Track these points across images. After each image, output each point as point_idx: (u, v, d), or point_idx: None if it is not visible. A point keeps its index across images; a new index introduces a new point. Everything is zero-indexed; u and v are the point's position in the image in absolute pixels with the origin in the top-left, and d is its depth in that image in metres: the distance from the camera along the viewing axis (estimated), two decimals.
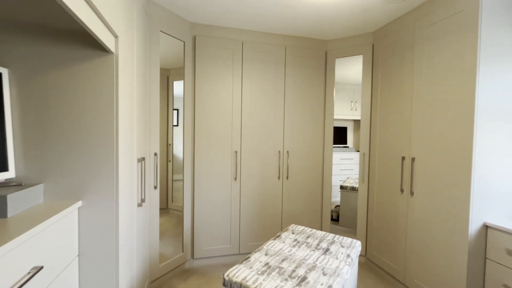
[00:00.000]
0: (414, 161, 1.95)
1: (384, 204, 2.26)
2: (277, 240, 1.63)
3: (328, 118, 2.68)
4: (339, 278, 1.20)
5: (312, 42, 2.61)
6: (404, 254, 2.02)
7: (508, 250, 1.47)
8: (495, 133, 1.58)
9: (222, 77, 2.38)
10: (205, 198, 2.38)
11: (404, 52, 2.05)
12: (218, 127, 2.39)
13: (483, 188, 1.57)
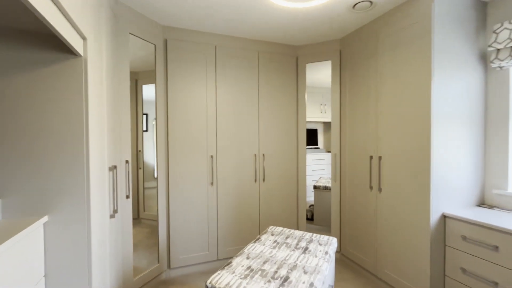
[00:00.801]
0: (381, 160, 2.09)
1: (355, 201, 2.39)
2: (257, 243, 1.64)
3: (301, 120, 2.77)
4: (320, 275, 1.25)
5: (284, 47, 2.69)
6: (375, 247, 2.15)
7: (463, 236, 1.64)
8: (449, 133, 1.77)
9: (195, 81, 2.35)
10: (181, 205, 2.32)
11: (369, 58, 2.21)
12: (193, 131, 2.35)
13: (440, 183, 1.74)
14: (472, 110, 1.86)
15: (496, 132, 1.86)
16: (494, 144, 1.87)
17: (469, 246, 1.61)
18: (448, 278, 1.73)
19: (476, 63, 1.86)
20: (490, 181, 1.88)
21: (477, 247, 1.57)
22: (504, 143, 1.81)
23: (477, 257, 1.57)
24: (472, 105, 1.86)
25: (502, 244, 1.45)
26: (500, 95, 1.84)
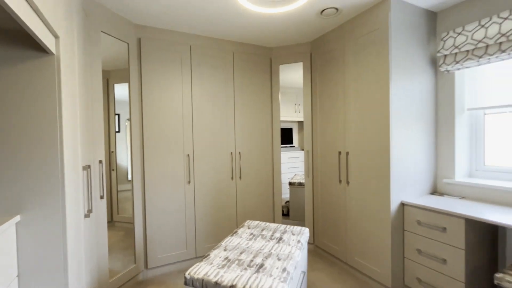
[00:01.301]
0: (348, 155, 2.26)
1: (327, 195, 2.54)
2: (234, 236, 1.71)
3: (275, 120, 2.88)
4: (292, 261, 1.35)
5: (258, 49, 2.78)
6: (345, 237, 2.32)
7: (418, 221, 1.84)
8: (405, 130, 1.97)
9: (171, 80, 2.36)
10: (158, 204, 2.31)
11: (337, 61, 2.37)
12: (169, 131, 2.36)
13: (399, 175, 1.93)
14: (425, 109, 2.08)
15: (445, 129, 2.10)
16: (443, 139, 2.11)
17: (423, 229, 1.81)
18: (407, 259, 1.93)
19: (427, 67, 2.09)
20: (441, 171, 2.12)
21: (430, 230, 1.77)
22: (451, 138, 2.06)
23: (430, 238, 1.77)
24: (425, 105, 2.08)
25: (449, 225, 1.66)
26: (447, 96, 2.08)
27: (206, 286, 1.19)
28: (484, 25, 1.77)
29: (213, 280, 1.18)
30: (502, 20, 1.68)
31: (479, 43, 1.80)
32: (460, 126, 2.05)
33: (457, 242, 1.62)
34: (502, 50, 1.71)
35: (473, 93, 2.04)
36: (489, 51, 1.77)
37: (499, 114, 1.94)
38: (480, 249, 1.68)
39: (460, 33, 1.90)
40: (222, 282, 1.17)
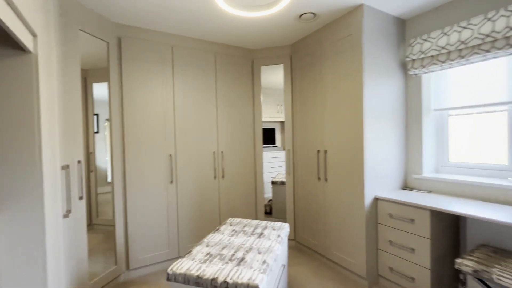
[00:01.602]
0: (326, 154, 2.37)
1: (307, 192, 2.64)
2: (216, 233, 1.75)
3: (257, 120, 2.95)
4: (272, 254, 1.41)
5: (240, 50, 2.84)
6: (324, 232, 2.42)
7: (390, 214, 1.97)
8: (378, 130, 2.10)
9: (152, 80, 2.36)
10: (139, 205, 2.30)
11: (315, 64, 2.48)
12: (151, 131, 2.35)
13: (372, 172, 2.06)
14: (396, 110, 2.23)
15: (414, 128, 2.26)
16: (412, 137, 2.27)
17: (394, 221, 1.94)
18: (380, 250, 2.06)
19: (398, 71, 2.24)
20: (411, 168, 2.28)
21: (400, 222, 1.91)
22: (419, 136, 2.22)
23: (400, 230, 1.91)
24: (396, 105, 2.23)
25: (416, 217, 1.80)
26: (415, 97, 2.24)
27: (189, 280, 1.22)
28: (446, 33, 1.94)
29: (195, 274, 1.22)
30: (461, 29, 1.85)
31: (442, 49, 1.96)
32: (427, 126, 2.22)
33: (424, 232, 1.76)
34: (462, 56, 1.88)
35: (439, 95, 2.21)
36: (451, 57, 1.93)
37: (461, 115, 2.12)
38: (443, 238, 1.83)
39: (426, 40, 2.06)
40: (204, 275, 1.21)
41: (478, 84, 1.98)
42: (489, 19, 1.72)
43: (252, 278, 1.16)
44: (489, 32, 1.71)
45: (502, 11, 1.66)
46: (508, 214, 1.48)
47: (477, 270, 1.47)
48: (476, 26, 1.78)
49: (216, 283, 1.17)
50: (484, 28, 1.73)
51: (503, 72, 1.85)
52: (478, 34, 1.77)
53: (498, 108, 1.89)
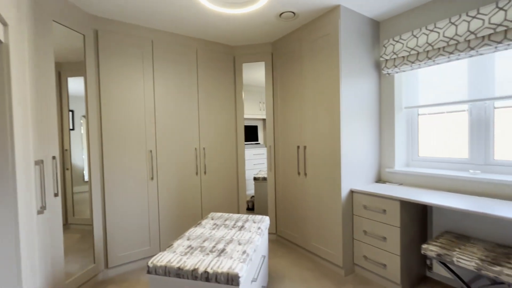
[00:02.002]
0: (306, 149, 2.45)
1: (287, 187, 2.72)
2: (198, 226, 1.77)
3: (239, 117, 2.98)
4: (252, 245, 1.46)
5: (222, 47, 2.85)
6: (303, 224, 2.51)
7: (364, 206, 2.09)
8: (354, 126, 2.20)
9: (132, 75, 2.32)
10: (118, 202, 2.26)
11: (295, 62, 2.55)
12: (130, 127, 2.31)
13: (349, 166, 2.16)
14: (371, 107, 2.35)
15: (387, 124, 2.39)
16: (386, 133, 2.40)
17: (368, 212, 2.06)
18: (355, 240, 2.17)
19: (372, 70, 2.36)
20: (384, 162, 2.42)
21: (373, 213, 2.02)
22: (391, 132, 2.35)
23: (373, 220, 2.02)
24: (371, 103, 2.35)
25: (388, 207, 1.92)
26: (388, 95, 2.37)
27: (169, 272, 1.24)
28: (416, 35, 2.07)
29: (176, 266, 1.24)
30: (429, 32, 1.98)
31: (412, 51, 2.09)
32: (399, 123, 2.36)
33: (394, 221, 1.88)
34: (429, 57, 2.01)
35: (409, 94, 2.36)
36: (419, 58, 2.07)
37: (428, 114, 2.28)
38: (412, 226, 1.97)
39: (398, 41, 2.19)
40: (185, 267, 1.23)
41: (444, 84, 2.13)
42: (452, 23, 1.86)
43: (232, 267, 1.20)
44: (453, 35, 1.85)
45: (464, 16, 1.80)
46: (468, 203, 1.63)
47: (440, 254, 1.60)
48: (441, 29, 1.91)
49: (197, 273, 1.20)
50: (449, 32, 1.87)
51: (464, 73, 2.01)
52: (443, 37, 1.90)
53: (461, 106, 2.05)
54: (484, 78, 1.91)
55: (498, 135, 1.88)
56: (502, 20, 1.62)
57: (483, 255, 1.52)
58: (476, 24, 1.73)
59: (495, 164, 1.88)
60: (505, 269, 1.36)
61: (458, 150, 2.08)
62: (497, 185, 1.75)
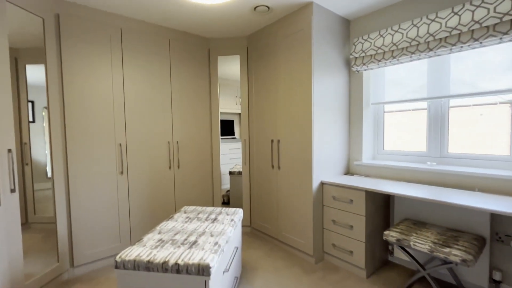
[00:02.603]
0: (279, 143, 2.50)
1: (262, 180, 2.76)
2: (170, 220, 1.75)
3: (214, 110, 2.95)
4: (224, 236, 1.48)
5: (196, 38, 2.79)
6: (276, 216, 2.57)
7: (334, 196, 2.19)
8: (325, 120, 2.29)
9: (98, 64, 2.19)
10: (85, 198, 2.15)
11: (270, 56, 2.57)
12: (97, 119, 2.20)
13: (319, 159, 2.25)
14: (341, 103, 2.45)
15: (356, 120, 2.51)
16: (354, 128, 2.52)
17: (337, 203, 2.17)
18: (325, 229, 2.27)
19: (343, 67, 2.45)
20: (352, 155, 2.54)
21: (341, 203, 2.13)
22: (360, 127, 2.48)
23: (342, 210, 2.13)
24: (341, 99, 2.45)
25: (355, 198, 2.03)
26: (357, 92, 2.49)
27: (138, 266, 1.22)
28: (382, 35, 2.18)
29: (145, 259, 1.22)
30: (394, 32, 2.10)
31: (379, 49, 2.21)
32: (367, 118, 2.49)
33: (360, 211, 2.00)
34: (393, 56, 2.14)
35: (376, 91, 2.49)
36: (385, 57, 2.19)
37: (395, 112, 2.43)
38: (376, 215, 2.11)
39: (366, 40, 2.29)
40: (155, 260, 1.21)
41: (407, 83, 2.28)
42: (415, 25, 1.99)
43: (203, 258, 1.21)
44: (414, 36, 1.98)
45: (425, 19, 1.93)
46: (425, 192, 1.78)
47: (399, 239, 1.73)
48: (405, 30, 2.04)
49: (167, 265, 1.19)
50: (411, 33, 2.00)
51: (425, 73, 2.16)
52: (406, 37, 2.03)
53: (422, 105, 2.21)
54: (441, 78, 2.07)
55: (452, 131, 2.06)
56: (456, 24, 1.77)
57: (435, 238, 1.67)
58: (435, 27, 1.87)
59: (449, 157, 2.06)
60: (453, 250, 1.51)
61: (418, 144, 2.25)
62: (450, 175, 1.93)
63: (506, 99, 1.79)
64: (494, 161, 1.85)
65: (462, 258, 1.46)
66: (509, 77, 1.74)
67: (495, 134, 1.86)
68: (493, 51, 1.81)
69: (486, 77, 1.84)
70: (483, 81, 1.86)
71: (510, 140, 1.79)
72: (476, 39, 1.71)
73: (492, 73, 1.82)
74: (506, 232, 1.70)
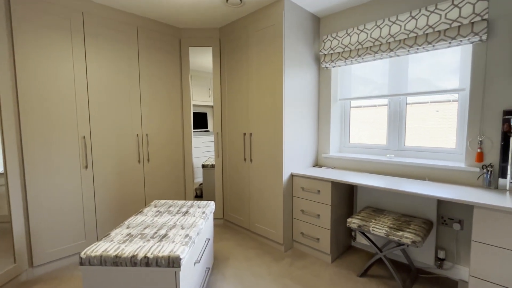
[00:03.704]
0: (251, 136, 2.54)
1: (234, 173, 2.79)
2: (139, 214, 1.72)
3: (186, 103, 2.89)
4: (195, 228, 1.49)
5: (166, 27, 2.69)
6: (248, 208, 2.64)
7: (302, 187, 2.30)
8: (295, 114, 2.37)
9: (57, 50, 2.04)
10: (45, 195, 2.02)
11: (242, 50, 2.57)
12: (57, 111, 2.05)
13: (290, 152, 2.33)
14: (311, 98, 2.54)
15: (324, 114, 2.63)
16: (323, 122, 2.64)
17: (306, 193, 2.28)
18: (295, 219, 2.38)
19: (313, 63, 2.54)
20: (321, 148, 2.67)
21: (309, 193, 2.24)
22: (328, 121, 2.60)
23: (309, 200, 2.25)
24: (311, 94, 2.54)
25: (322, 188, 2.15)
26: (326, 88, 2.60)
27: (105, 262, 1.19)
28: (349, 33, 2.29)
29: (112, 254, 1.20)
30: (360, 32, 2.22)
31: (346, 47, 2.32)
32: (334, 113, 2.62)
33: (326, 200, 2.13)
34: (359, 55, 2.26)
35: (343, 87, 2.62)
36: (351, 55, 2.31)
37: (360, 107, 2.58)
38: (341, 204, 2.25)
39: (334, 38, 2.39)
40: (123, 254, 1.20)
41: (372, 80, 2.43)
42: (378, 26, 2.12)
43: (173, 250, 1.22)
44: (377, 37, 2.11)
45: (387, 20, 2.06)
46: (384, 182, 1.94)
47: (360, 226, 1.88)
48: (369, 30, 2.16)
49: (136, 259, 1.19)
50: (374, 33, 2.13)
51: (387, 72, 2.32)
52: (370, 37, 2.16)
53: (384, 101, 2.37)
54: (401, 77, 2.24)
55: (410, 126, 2.25)
56: (413, 27, 1.92)
57: (391, 223, 1.84)
58: (395, 29, 2.01)
59: (406, 150, 2.26)
60: (405, 233, 1.68)
61: (380, 138, 2.43)
62: (405, 166, 2.12)
63: (456, 97, 2.00)
64: (443, 153, 2.06)
65: (412, 240, 1.63)
66: (457, 78, 1.94)
67: (447, 129, 2.07)
68: (444, 54, 2.00)
69: (439, 77, 2.03)
70: (437, 80, 2.05)
71: (455, 134, 2.01)
72: (430, 42, 1.87)
73: (444, 74, 2.01)
74: (449, 215, 1.92)
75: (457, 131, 1.98)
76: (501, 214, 1.36)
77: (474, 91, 1.78)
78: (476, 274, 1.45)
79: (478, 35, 1.67)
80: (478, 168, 1.77)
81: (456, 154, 2.00)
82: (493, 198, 1.48)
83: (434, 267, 2.01)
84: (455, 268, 1.91)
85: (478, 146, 1.78)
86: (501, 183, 1.69)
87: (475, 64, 1.77)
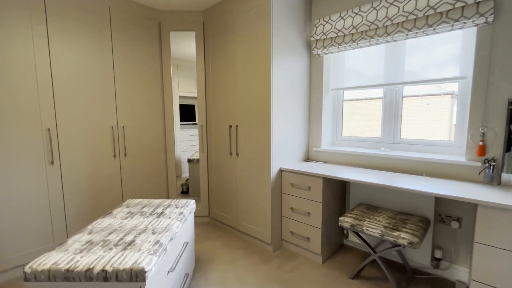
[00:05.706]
0: (238, 129, 2.35)
1: (220, 167, 2.61)
2: (106, 217, 1.52)
3: (167, 92, 2.67)
4: (168, 233, 1.31)
5: (143, 9, 2.44)
6: (235, 205, 2.47)
7: (292, 184, 2.13)
8: (284, 105, 2.18)
9: (13, 30, 1.78)
10: (3, 194, 1.80)
11: (227, 34, 2.35)
12: (16, 99, 1.81)
13: (278, 145, 2.16)
14: (301, 87, 2.36)
15: (316, 105, 2.45)
16: (314, 114, 2.47)
17: (295, 190, 2.12)
18: (284, 217, 2.23)
19: (303, 49, 2.34)
20: (312, 141, 2.51)
21: (300, 190, 2.08)
22: (319, 113, 2.43)
23: (299, 197, 2.09)
24: (301, 84, 2.35)
25: (312, 184, 1.99)
26: (317, 77, 2.42)
27: (55, 277, 1.00)
28: (343, 17, 2.10)
29: (63, 268, 1.01)
30: (354, 15, 2.03)
31: (339, 32, 2.13)
32: (326, 104, 2.44)
33: (317, 197, 1.97)
34: (353, 40, 2.08)
35: (336, 76, 2.44)
36: (345, 40, 2.12)
37: (354, 100, 2.41)
38: (333, 201, 2.11)
39: (327, 22, 2.20)
40: (76, 268, 1.01)
41: (366, 69, 2.26)
42: (374, 8, 1.93)
43: (137, 262, 1.04)
44: (374, 20, 1.93)
45: (384, 2, 1.88)
46: (378, 177, 1.79)
47: (353, 225, 1.74)
48: (365, 13, 1.98)
49: (92, 273, 1.00)
50: (371, 16, 1.95)
51: (382, 61, 2.15)
52: (366, 21, 1.98)
53: (378, 93, 2.21)
54: (397, 67, 2.07)
55: (405, 119, 2.10)
56: (413, 9, 1.75)
57: (386, 222, 1.71)
58: (393, 11, 1.83)
59: (401, 143, 2.11)
60: (402, 234, 1.55)
61: (374, 130, 2.28)
62: (401, 161, 1.98)
63: (448, 90, 1.86)
64: (442, 146, 1.93)
65: (409, 241, 1.50)
66: (457, 66, 1.79)
67: (439, 121, 1.94)
68: (440, 45, 1.84)
69: (435, 68, 1.88)
70: (432, 71, 1.90)
71: (449, 126, 1.87)
72: (430, 25, 1.70)
73: (439, 65, 1.86)
74: (447, 213, 1.80)
75: (456, 123, 1.85)
76: (509, 213, 1.23)
77: (477, 79, 1.63)
78: (478, 278, 1.33)
79: (484, 16, 1.51)
80: (480, 163, 1.64)
81: (455, 148, 1.87)
82: (497, 196, 1.35)
83: (430, 267, 1.89)
84: (453, 268, 1.80)
85: (480, 138, 1.65)
86: (505, 178, 1.56)
87: (479, 49, 1.61)
